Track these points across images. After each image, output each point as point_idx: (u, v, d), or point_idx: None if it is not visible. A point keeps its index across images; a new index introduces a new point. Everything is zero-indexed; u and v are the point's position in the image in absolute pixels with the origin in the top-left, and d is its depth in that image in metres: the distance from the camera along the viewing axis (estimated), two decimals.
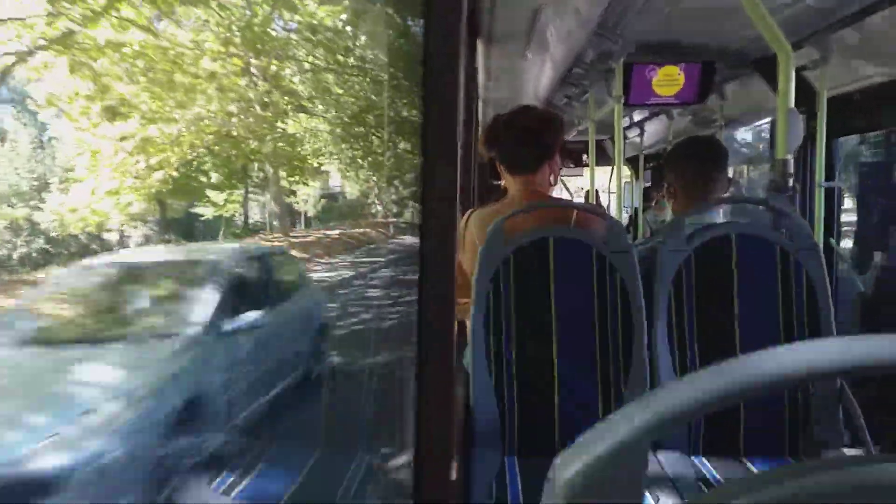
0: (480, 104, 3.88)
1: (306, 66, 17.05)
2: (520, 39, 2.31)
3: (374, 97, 19.04)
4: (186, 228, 19.68)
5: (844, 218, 2.77)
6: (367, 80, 18.55)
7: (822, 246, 2.14)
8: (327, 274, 12.56)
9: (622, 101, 2.66)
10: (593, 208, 1.76)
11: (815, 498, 0.36)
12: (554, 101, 4.03)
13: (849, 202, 3.16)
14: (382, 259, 14.73)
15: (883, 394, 1.93)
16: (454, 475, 1.22)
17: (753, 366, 0.41)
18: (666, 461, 1.53)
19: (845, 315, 2.39)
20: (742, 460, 1.58)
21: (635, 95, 2.72)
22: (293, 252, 13.69)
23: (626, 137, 4.95)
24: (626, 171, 5.98)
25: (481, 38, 2.28)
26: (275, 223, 17.74)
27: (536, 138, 1.75)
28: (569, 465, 0.42)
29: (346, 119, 18.93)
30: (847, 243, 2.72)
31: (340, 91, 18.28)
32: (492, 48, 2.43)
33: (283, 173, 18.95)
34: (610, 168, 5.53)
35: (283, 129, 16.95)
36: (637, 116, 4.57)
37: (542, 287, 1.58)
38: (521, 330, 1.57)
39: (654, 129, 4.65)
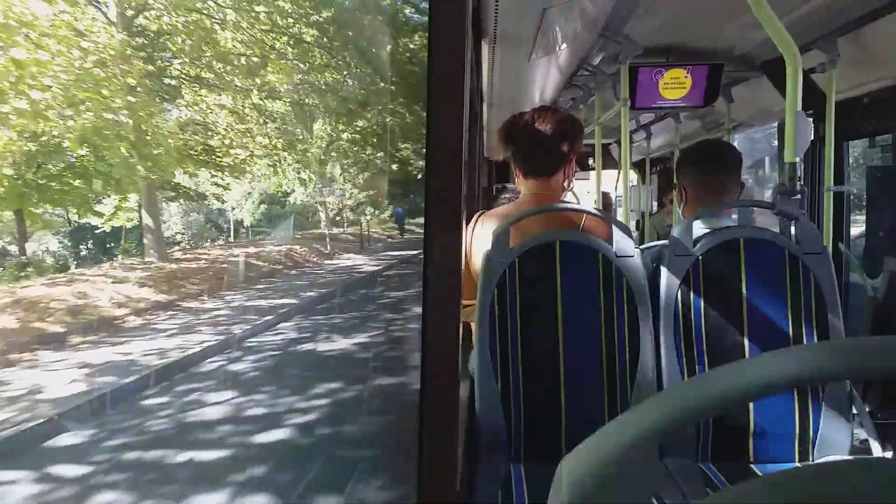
0: (485, 106, 3.87)
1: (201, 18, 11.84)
2: (525, 41, 2.30)
3: (301, 65, 14.43)
4: (82, 241, 16.17)
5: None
6: (290, 43, 13.99)
7: (830, 250, 2.13)
8: (155, 346, 6.92)
9: (628, 104, 2.64)
10: (601, 213, 1.74)
11: (822, 500, 0.36)
12: (559, 104, 4.02)
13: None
14: (293, 301, 9.80)
15: (892, 398, 1.91)
16: (459, 481, 1.21)
17: (760, 367, 0.40)
18: (674, 467, 1.51)
19: (856, 320, 2.37)
20: (750, 466, 1.56)
21: (641, 98, 2.71)
22: (145, 291, 9.39)
23: (632, 141, 4.95)
24: (633, 175, 5.98)
25: (486, 39, 2.27)
26: (147, 239, 12.79)
27: (554, 143, 1.72)
28: (574, 468, 0.41)
29: (262, 98, 14.09)
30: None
31: (248, 55, 12.81)
32: (497, 50, 2.42)
33: (201, 171, 14.09)
34: (616, 172, 5.52)
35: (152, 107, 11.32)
36: (643, 120, 4.56)
37: (548, 291, 1.56)
38: (526, 334, 1.56)
39: (661, 133, 4.64)
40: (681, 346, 1.58)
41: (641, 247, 1.69)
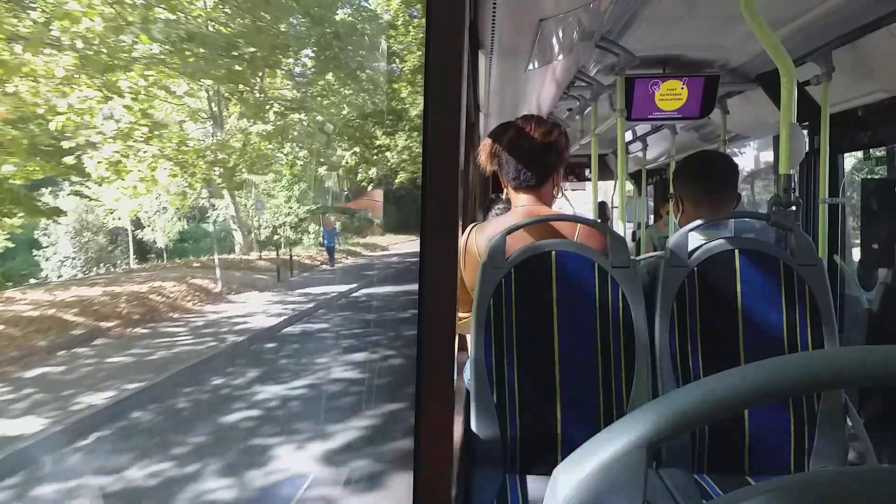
0: (482, 117, 3.88)
1: None
2: (522, 52, 2.30)
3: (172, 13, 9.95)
4: None
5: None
6: None
7: (826, 261, 2.13)
8: None
9: (625, 115, 2.65)
10: (595, 223, 1.74)
11: None
12: (556, 115, 4.04)
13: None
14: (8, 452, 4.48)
15: (887, 410, 1.91)
16: (455, 492, 1.20)
17: (753, 375, 0.40)
18: (669, 478, 1.50)
19: (852, 331, 2.37)
20: (746, 477, 1.55)
21: (638, 109, 2.72)
22: None
23: (628, 152, 4.97)
24: (629, 186, 5.99)
25: (483, 50, 2.28)
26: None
27: (542, 154, 1.73)
28: (568, 475, 0.41)
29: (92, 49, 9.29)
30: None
31: None
32: (493, 60, 2.43)
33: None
34: (612, 183, 5.54)
35: None
36: (640, 131, 4.58)
37: (543, 302, 1.56)
38: (522, 345, 1.55)
39: (658, 144, 4.66)
40: (676, 356, 1.58)
41: (637, 258, 1.69)
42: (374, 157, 24.86)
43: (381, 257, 21.20)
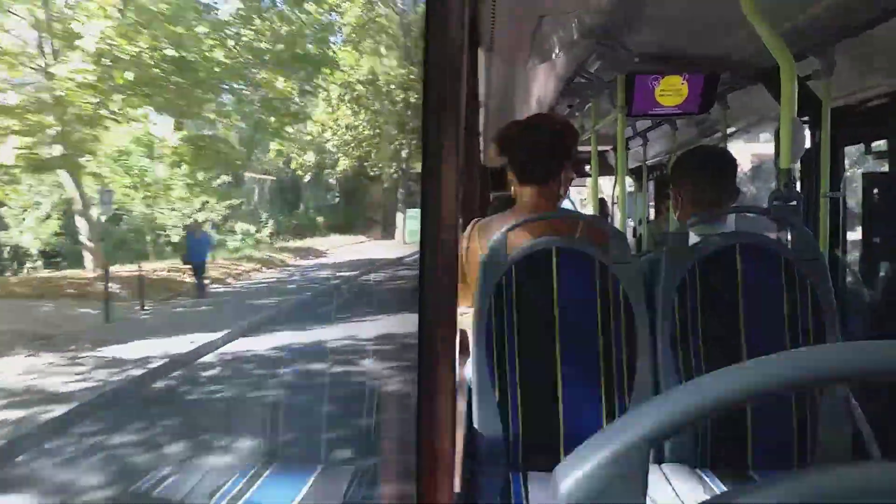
0: (482, 113, 3.87)
1: None
2: (522, 48, 2.30)
3: None
4: None
5: None
6: None
7: (827, 256, 2.13)
8: None
9: (625, 111, 2.65)
10: (597, 220, 1.74)
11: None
12: (556, 111, 4.03)
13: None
14: None
15: (891, 406, 1.91)
16: (457, 490, 1.20)
17: (755, 371, 0.40)
18: (672, 474, 1.50)
19: (853, 326, 2.37)
20: (749, 473, 1.55)
21: (638, 105, 2.72)
22: None
23: (628, 148, 4.96)
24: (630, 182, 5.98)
25: (482, 47, 2.28)
26: None
27: (549, 149, 1.75)
28: (570, 473, 0.41)
29: None
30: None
31: None
32: (493, 57, 2.43)
33: None
34: (611, 179, 5.53)
35: None
36: (640, 127, 4.58)
37: (544, 298, 1.56)
38: (523, 342, 1.55)
39: (658, 140, 4.65)
40: (677, 352, 1.58)
41: (638, 254, 1.69)
42: (292, 134, 18.33)
43: (308, 269, 16.08)
